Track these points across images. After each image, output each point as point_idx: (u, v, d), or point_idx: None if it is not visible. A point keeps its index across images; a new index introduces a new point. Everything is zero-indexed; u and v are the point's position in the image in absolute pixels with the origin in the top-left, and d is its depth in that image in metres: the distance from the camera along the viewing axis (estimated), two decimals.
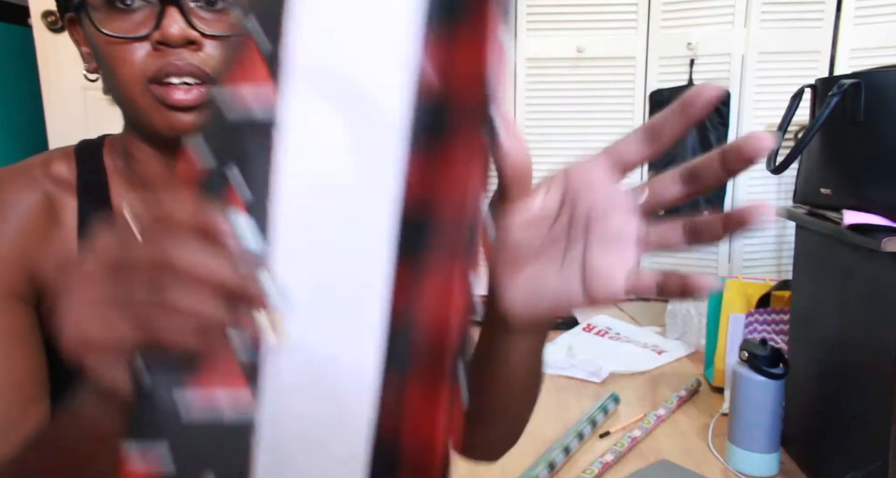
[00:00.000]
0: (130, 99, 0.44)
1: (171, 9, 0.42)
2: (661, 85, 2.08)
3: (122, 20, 0.42)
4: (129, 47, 0.42)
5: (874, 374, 0.86)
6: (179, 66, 0.42)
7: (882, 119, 0.85)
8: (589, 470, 1.04)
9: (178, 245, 0.24)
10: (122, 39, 0.42)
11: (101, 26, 0.42)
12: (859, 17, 1.89)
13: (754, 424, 1.04)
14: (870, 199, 0.87)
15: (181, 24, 0.42)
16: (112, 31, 0.42)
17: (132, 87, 0.43)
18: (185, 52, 0.43)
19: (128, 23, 0.42)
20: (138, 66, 0.43)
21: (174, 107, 0.43)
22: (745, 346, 1.06)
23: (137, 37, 0.42)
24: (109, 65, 0.43)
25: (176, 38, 0.42)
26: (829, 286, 0.99)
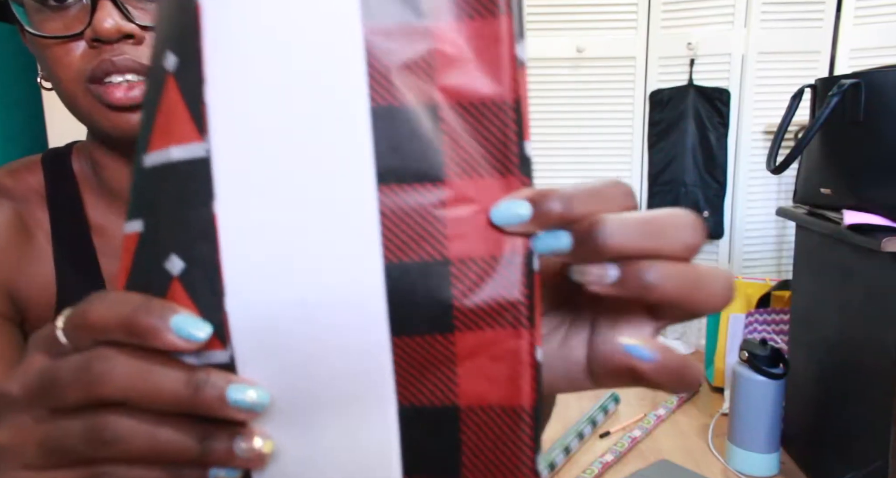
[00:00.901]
0: (73, 101, 0.41)
1: (103, 2, 0.38)
2: (661, 85, 2.08)
3: (55, 19, 0.39)
4: (65, 47, 0.39)
5: (874, 374, 0.86)
6: (117, 62, 0.39)
7: (882, 119, 0.85)
8: (589, 470, 1.04)
9: (106, 367, 0.20)
10: (56, 39, 0.39)
11: (35, 27, 0.39)
12: (859, 17, 1.89)
13: (754, 424, 1.04)
14: (870, 199, 0.87)
15: (115, 17, 0.38)
16: (46, 32, 0.39)
17: (72, 88, 0.40)
18: (124, 46, 0.39)
19: (60, 21, 0.39)
20: (75, 66, 0.40)
21: (116, 106, 0.40)
22: (745, 346, 1.06)
23: (71, 36, 0.39)
24: (48, 66, 0.41)
25: (110, 32, 0.38)
26: (829, 286, 0.99)
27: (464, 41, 0.23)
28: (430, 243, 0.22)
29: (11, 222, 0.43)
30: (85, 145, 0.49)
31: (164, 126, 0.22)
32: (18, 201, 0.45)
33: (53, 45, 0.40)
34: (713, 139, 2.03)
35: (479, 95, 0.23)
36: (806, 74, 1.91)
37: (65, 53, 0.39)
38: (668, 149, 2.08)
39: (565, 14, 2.10)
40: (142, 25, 0.40)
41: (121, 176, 0.45)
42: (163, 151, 0.22)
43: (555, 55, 2.12)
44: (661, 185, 2.09)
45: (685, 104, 2.05)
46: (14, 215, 0.44)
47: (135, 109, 0.40)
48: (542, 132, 2.14)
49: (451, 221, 0.22)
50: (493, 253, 0.22)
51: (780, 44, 1.96)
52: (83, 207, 0.46)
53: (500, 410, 0.22)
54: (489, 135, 0.23)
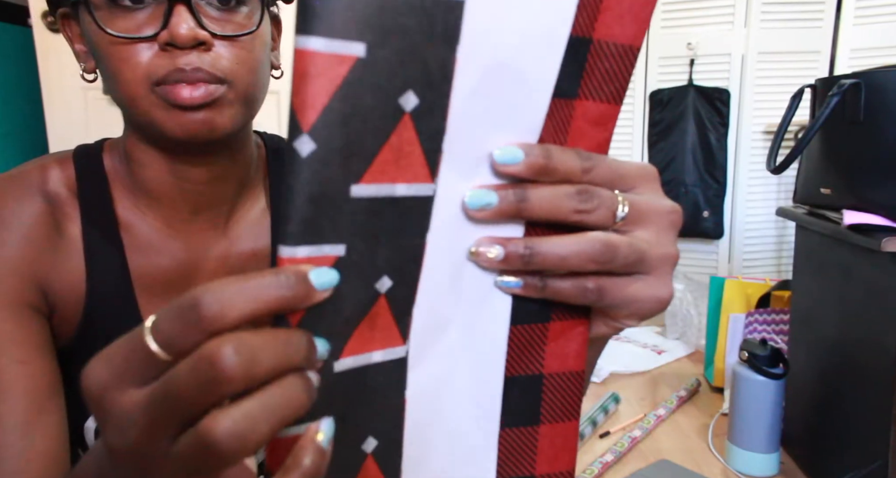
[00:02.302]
0: (135, 101, 0.41)
1: (179, 7, 0.39)
2: (661, 85, 2.08)
3: (126, 19, 0.39)
4: (135, 48, 0.40)
5: (874, 374, 0.86)
6: (188, 71, 0.40)
7: (882, 119, 0.85)
8: (589, 470, 1.04)
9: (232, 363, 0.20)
10: (127, 40, 0.39)
11: (105, 25, 0.39)
12: (859, 17, 1.89)
13: (754, 424, 1.04)
14: (870, 199, 0.87)
15: (190, 23, 0.39)
16: (116, 31, 0.39)
17: (137, 88, 0.41)
18: (194, 53, 0.40)
19: (132, 21, 0.39)
20: (144, 67, 0.40)
21: (183, 106, 0.40)
22: (745, 346, 1.06)
23: (144, 37, 0.39)
24: (112, 65, 0.41)
25: (185, 39, 0.39)
26: (829, 286, 0.99)
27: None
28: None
29: (43, 217, 0.44)
30: (119, 143, 0.49)
31: (389, 161, 0.23)
32: (50, 196, 0.45)
33: (122, 44, 0.40)
34: (713, 139, 2.03)
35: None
36: (806, 74, 1.91)
37: (133, 54, 0.40)
38: (668, 149, 2.08)
39: None
40: (213, 33, 0.40)
41: (159, 175, 0.46)
42: (386, 186, 0.24)
43: None
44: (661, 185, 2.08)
45: (685, 104, 2.05)
46: (46, 210, 0.44)
47: (197, 109, 0.40)
48: None
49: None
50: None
51: (780, 44, 1.96)
52: (112, 203, 0.46)
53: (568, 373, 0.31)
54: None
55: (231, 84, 0.42)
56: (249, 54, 0.42)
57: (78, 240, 0.45)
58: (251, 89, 0.43)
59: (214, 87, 0.41)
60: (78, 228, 0.45)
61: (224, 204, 0.48)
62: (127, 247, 0.46)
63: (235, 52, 0.42)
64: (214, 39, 0.41)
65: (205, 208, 0.47)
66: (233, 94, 0.42)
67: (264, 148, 0.53)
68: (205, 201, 0.47)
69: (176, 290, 0.46)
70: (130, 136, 0.47)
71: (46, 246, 0.43)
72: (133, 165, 0.46)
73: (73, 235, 0.45)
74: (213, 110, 0.41)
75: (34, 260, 0.43)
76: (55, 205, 0.45)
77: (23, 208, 0.43)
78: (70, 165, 0.47)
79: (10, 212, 0.43)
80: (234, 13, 0.42)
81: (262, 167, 0.52)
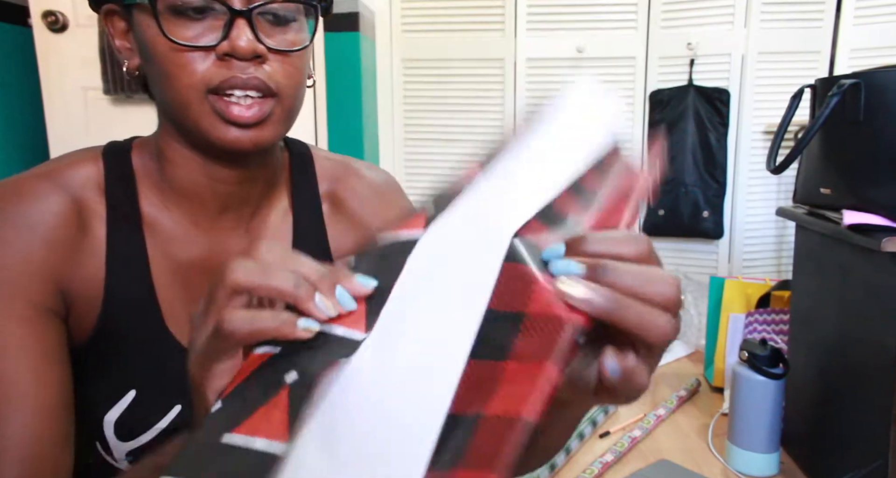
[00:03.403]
0: (186, 106, 0.43)
1: (240, 20, 0.41)
2: (661, 85, 2.08)
3: (186, 27, 0.41)
4: (193, 55, 0.41)
5: (874, 374, 0.86)
6: (244, 79, 0.41)
7: (882, 119, 0.85)
8: (589, 470, 1.04)
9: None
10: (187, 47, 0.41)
11: (167, 31, 0.40)
12: (859, 17, 1.89)
13: (754, 424, 1.04)
14: (869, 199, 0.87)
15: (249, 36, 0.41)
16: (177, 37, 0.40)
17: (190, 94, 0.42)
18: (251, 65, 0.42)
19: (192, 30, 0.41)
20: (200, 75, 0.41)
21: (233, 122, 0.42)
22: (745, 346, 1.06)
23: (205, 46, 0.41)
24: (168, 70, 0.42)
25: (245, 51, 0.41)
26: (829, 286, 0.99)
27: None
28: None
29: (68, 217, 0.44)
30: (150, 141, 0.49)
31: (260, 418, 0.28)
32: (77, 195, 0.45)
33: (180, 50, 0.41)
34: (713, 139, 2.03)
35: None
36: (806, 74, 1.91)
37: (190, 61, 0.41)
38: (668, 149, 2.08)
39: (565, 14, 2.10)
40: (269, 47, 0.42)
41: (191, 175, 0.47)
42: (249, 437, 0.28)
43: (555, 55, 2.12)
44: (662, 185, 2.08)
45: (685, 104, 2.05)
46: (70, 206, 0.44)
47: (247, 127, 0.42)
48: None
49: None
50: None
51: (780, 44, 1.96)
52: (138, 200, 0.47)
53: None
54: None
55: (279, 99, 0.44)
56: (297, 70, 0.45)
57: (101, 238, 0.45)
58: (295, 103, 0.45)
59: (266, 105, 0.43)
60: (103, 226, 0.46)
61: (250, 204, 0.50)
62: (149, 244, 0.47)
63: (286, 67, 0.44)
64: (269, 53, 0.42)
65: (232, 208, 0.49)
66: (279, 109, 0.44)
67: (287, 151, 0.55)
68: (233, 201, 0.48)
69: (196, 285, 0.47)
70: (165, 135, 0.47)
71: (69, 246, 0.44)
72: (165, 163, 0.47)
73: (98, 234, 0.45)
74: (260, 128, 0.43)
75: (55, 261, 0.43)
76: (81, 203, 0.45)
77: (48, 207, 0.43)
78: (100, 163, 0.47)
79: (36, 211, 0.43)
80: (287, 29, 0.43)
81: (286, 169, 0.54)
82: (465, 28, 2.14)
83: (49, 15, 1.71)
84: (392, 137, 2.25)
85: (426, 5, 2.14)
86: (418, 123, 2.22)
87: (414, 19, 2.17)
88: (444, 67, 2.17)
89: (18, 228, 0.42)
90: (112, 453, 0.45)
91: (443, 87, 2.19)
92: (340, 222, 0.54)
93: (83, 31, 1.69)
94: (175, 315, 0.47)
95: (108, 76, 1.66)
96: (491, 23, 2.13)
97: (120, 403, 0.44)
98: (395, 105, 2.23)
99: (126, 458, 0.45)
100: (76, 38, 1.71)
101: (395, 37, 2.19)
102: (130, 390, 0.44)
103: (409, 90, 2.22)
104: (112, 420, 0.44)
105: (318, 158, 0.55)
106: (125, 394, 0.44)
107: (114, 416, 0.44)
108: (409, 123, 2.23)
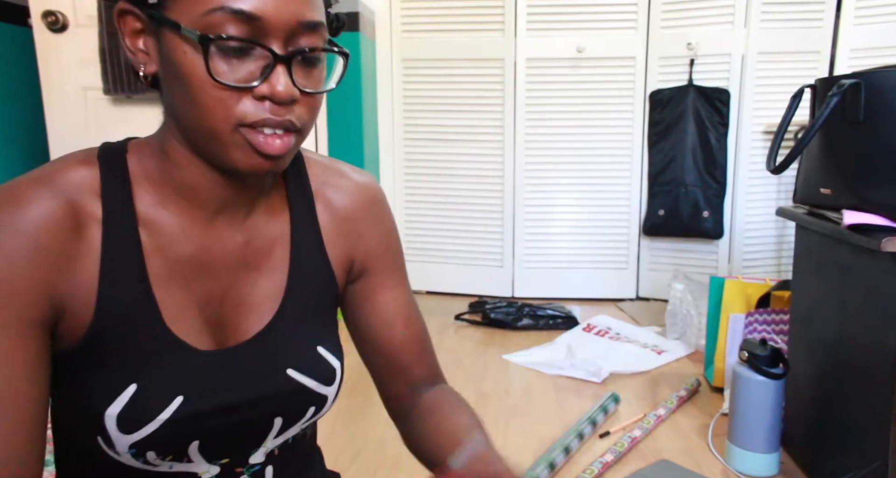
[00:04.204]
0: (217, 136, 0.44)
1: (279, 67, 0.42)
2: (661, 85, 2.08)
3: (227, 64, 0.42)
4: (231, 92, 0.42)
5: (874, 374, 0.86)
6: (279, 121, 0.43)
7: (882, 119, 0.85)
8: (589, 470, 1.04)
9: None
10: (227, 86, 0.42)
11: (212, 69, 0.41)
12: (859, 17, 1.89)
13: (754, 424, 1.04)
14: (870, 199, 0.87)
15: (288, 81, 0.42)
16: (217, 73, 0.41)
17: (221, 126, 0.43)
18: (284, 108, 0.43)
19: (233, 68, 0.42)
20: (236, 110, 0.42)
21: (263, 154, 0.43)
22: (745, 346, 1.06)
23: (246, 87, 0.42)
24: (202, 101, 0.43)
25: (284, 97, 0.42)
26: (829, 286, 0.99)
27: None
28: None
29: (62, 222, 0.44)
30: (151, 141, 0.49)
31: None
32: (72, 196, 0.45)
33: (220, 87, 0.42)
34: (713, 139, 2.03)
35: None
36: (806, 74, 1.91)
37: (228, 96, 0.42)
38: (668, 149, 2.08)
39: (565, 14, 2.10)
40: (302, 90, 0.43)
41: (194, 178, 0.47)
42: None
43: (555, 55, 2.12)
44: (661, 185, 2.09)
45: (685, 104, 2.05)
46: (63, 210, 0.44)
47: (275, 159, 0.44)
48: (542, 132, 2.14)
49: None
50: None
51: (780, 44, 1.96)
52: (133, 201, 0.47)
53: None
54: None
55: (300, 133, 0.46)
56: (318, 106, 0.47)
57: (97, 241, 0.45)
58: (308, 133, 0.48)
59: (290, 139, 0.44)
60: (98, 228, 0.45)
61: (246, 204, 0.51)
62: (145, 243, 0.47)
63: (311, 105, 0.46)
64: (303, 96, 0.44)
65: (228, 209, 0.49)
66: (298, 141, 0.46)
67: None
68: (230, 203, 0.49)
69: (192, 279, 0.48)
70: (172, 138, 0.47)
71: (61, 251, 0.44)
72: (168, 163, 0.48)
73: (93, 237, 0.45)
74: (282, 159, 0.45)
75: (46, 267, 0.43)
76: (77, 207, 0.45)
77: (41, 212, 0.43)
78: (95, 166, 0.47)
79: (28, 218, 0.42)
80: (315, 68, 0.45)
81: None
82: (464, 28, 2.14)
83: (49, 15, 1.70)
84: (392, 137, 2.25)
85: (426, 5, 2.14)
86: (418, 122, 2.22)
87: (414, 19, 2.17)
88: (444, 67, 2.17)
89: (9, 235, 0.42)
90: (114, 447, 0.45)
91: (442, 87, 2.19)
92: (332, 221, 0.55)
93: (83, 31, 1.69)
94: (172, 310, 0.46)
95: (108, 76, 1.66)
96: (491, 23, 2.13)
97: (121, 397, 0.44)
98: (395, 105, 2.23)
99: (129, 451, 0.45)
100: (76, 38, 1.71)
101: (395, 37, 2.19)
102: (131, 384, 0.44)
103: (408, 90, 2.22)
104: (114, 414, 0.44)
105: (309, 160, 0.56)
106: (126, 388, 0.44)
107: (115, 410, 0.44)
108: (409, 122, 2.23)
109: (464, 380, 1.48)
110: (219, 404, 0.46)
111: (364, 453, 1.13)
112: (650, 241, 2.09)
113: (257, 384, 0.48)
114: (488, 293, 2.19)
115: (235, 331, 0.48)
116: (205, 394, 0.45)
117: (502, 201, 2.15)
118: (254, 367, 0.48)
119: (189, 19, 0.41)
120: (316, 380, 0.50)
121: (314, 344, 0.51)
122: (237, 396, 0.47)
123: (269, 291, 0.50)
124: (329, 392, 0.51)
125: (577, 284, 2.15)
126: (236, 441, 0.48)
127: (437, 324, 1.91)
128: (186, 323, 0.46)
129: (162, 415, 0.44)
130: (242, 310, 0.49)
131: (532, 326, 1.87)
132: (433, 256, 2.23)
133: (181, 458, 0.46)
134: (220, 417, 0.46)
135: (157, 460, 0.45)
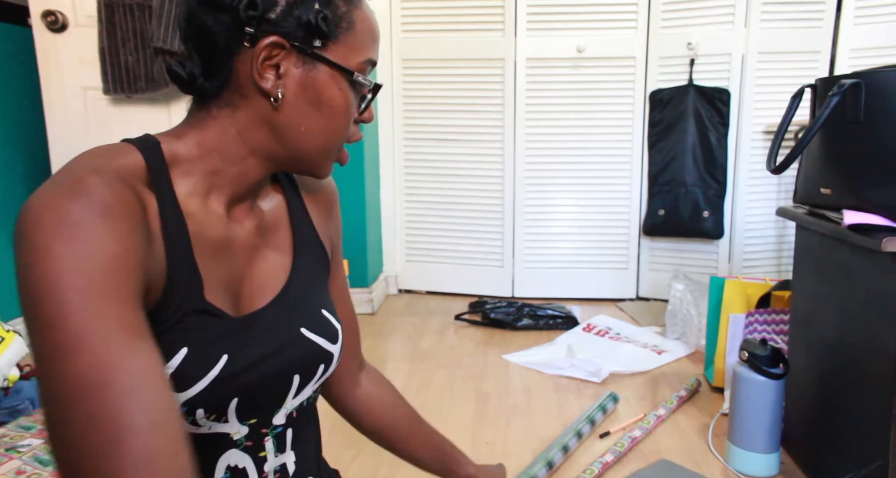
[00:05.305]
0: (326, 151, 0.55)
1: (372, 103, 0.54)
2: (661, 85, 2.08)
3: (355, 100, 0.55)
4: (349, 120, 0.54)
5: (874, 374, 0.86)
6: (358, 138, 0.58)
7: (882, 119, 0.85)
8: (589, 470, 1.04)
9: None
10: (358, 118, 0.56)
11: (354, 106, 0.54)
12: (859, 17, 1.89)
13: (754, 424, 1.04)
14: (870, 199, 0.87)
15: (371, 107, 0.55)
16: (357, 109, 0.55)
17: (332, 143, 0.54)
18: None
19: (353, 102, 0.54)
20: (347, 133, 0.55)
21: (339, 164, 0.58)
22: (745, 346, 1.06)
23: (360, 115, 0.56)
24: (338, 128, 0.54)
25: (371, 121, 0.54)
26: (829, 286, 0.99)
27: None
28: None
29: (134, 203, 0.47)
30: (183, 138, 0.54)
31: None
32: (132, 183, 0.48)
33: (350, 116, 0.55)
34: (713, 139, 2.03)
35: None
36: (806, 74, 1.91)
37: (348, 123, 0.55)
38: (668, 149, 2.08)
39: (565, 14, 2.10)
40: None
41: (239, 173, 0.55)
42: None
43: (555, 55, 2.12)
44: (661, 185, 2.09)
45: (685, 104, 2.05)
46: (133, 196, 0.47)
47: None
48: (542, 132, 2.14)
49: None
50: None
51: (780, 44, 1.96)
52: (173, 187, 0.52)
53: None
54: None
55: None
56: None
57: (157, 224, 0.50)
58: None
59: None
60: (156, 214, 0.50)
61: (256, 194, 0.59)
62: (190, 227, 0.53)
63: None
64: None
65: (247, 198, 0.57)
66: None
67: None
68: (249, 193, 0.57)
69: (221, 260, 0.55)
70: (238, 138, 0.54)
71: (143, 232, 0.47)
72: (222, 159, 0.54)
73: (154, 221, 0.50)
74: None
75: (140, 246, 0.46)
76: (138, 193, 0.49)
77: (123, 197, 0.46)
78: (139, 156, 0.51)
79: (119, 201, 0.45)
80: None
81: None
82: (464, 28, 2.14)
83: (49, 15, 1.70)
84: (392, 137, 2.25)
85: (426, 5, 2.14)
86: (418, 122, 2.22)
87: (414, 19, 2.17)
88: (444, 67, 2.17)
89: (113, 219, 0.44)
90: None
91: (442, 87, 2.19)
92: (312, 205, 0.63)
93: (83, 30, 1.69)
94: (210, 286, 0.52)
95: (108, 76, 1.66)
96: (491, 23, 2.13)
97: (174, 359, 0.49)
98: (395, 105, 2.23)
99: (182, 408, 0.49)
100: (76, 37, 1.71)
101: (395, 37, 2.19)
102: (183, 348, 0.49)
103: (408, 90, 2.22)
104: (167, 374, 0.47)
105: None
106: (179, 351, 0.49)
107: (169, 371, 0.48)
108: (409, 122, 2.23)
109: (464, 380, 1.48)
110: (251, 361, 0.52)
111: (364, 453, 1.13)
112: (650, 241, 2.09)
113: (279, 342, 0.54)
114: (488, 293, 2.19)
115: (251, 301, 0.55)
116: (242, 352, 0.51)
117: (502, 201, 2.15)
118: (274, 327, 0.55)
119: (346, 63, 0.52)
120: (324, 338, 0.57)
121: (319, 307, 0.58)
122: (265, 351, 0.53)
123: (278, 265, 0.58)
124: (334, 350, 0.58)
125: (577, 284, 2.15)
126: (265, 400, 0.54)
127: (437, 324, 1.91)
128: (218, 295, 0.52)
129: (211, 372, 0.50)
130: (258, 283, 0.56)
131: (532, 326, 1.87)
132: (433, 256, 2.23)
133: (220, 417, 0.51)
134: (254, 374, 0.52)
135: (203, 419, 0.50)
